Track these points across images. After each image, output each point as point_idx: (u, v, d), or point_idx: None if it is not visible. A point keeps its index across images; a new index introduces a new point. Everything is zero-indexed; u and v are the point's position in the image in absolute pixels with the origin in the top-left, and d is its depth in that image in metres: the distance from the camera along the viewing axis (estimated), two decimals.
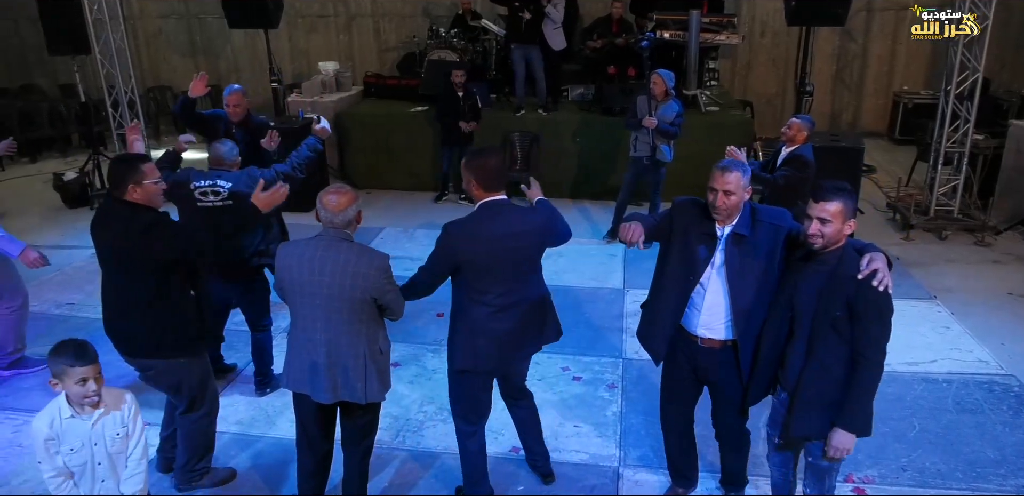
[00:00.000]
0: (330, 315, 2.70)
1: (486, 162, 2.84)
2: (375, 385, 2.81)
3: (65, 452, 2.39)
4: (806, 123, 4.91)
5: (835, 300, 2.46)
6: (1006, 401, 4.06)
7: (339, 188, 2.76)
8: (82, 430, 2.39)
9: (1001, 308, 5.23)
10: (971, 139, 6.70)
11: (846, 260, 2.47)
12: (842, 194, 2.47)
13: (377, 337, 2.82)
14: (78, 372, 2.30)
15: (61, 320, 5.06)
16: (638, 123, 5.97)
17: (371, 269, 2.66)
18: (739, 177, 2.64)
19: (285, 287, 2.79)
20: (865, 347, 2.46)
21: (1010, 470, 3.49)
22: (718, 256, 2.75)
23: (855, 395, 2.50)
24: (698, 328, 2.83)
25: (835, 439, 2.55)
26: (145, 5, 10.85)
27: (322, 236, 2.73)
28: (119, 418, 2.46)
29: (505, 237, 2.81)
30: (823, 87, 10.17)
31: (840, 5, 6.62)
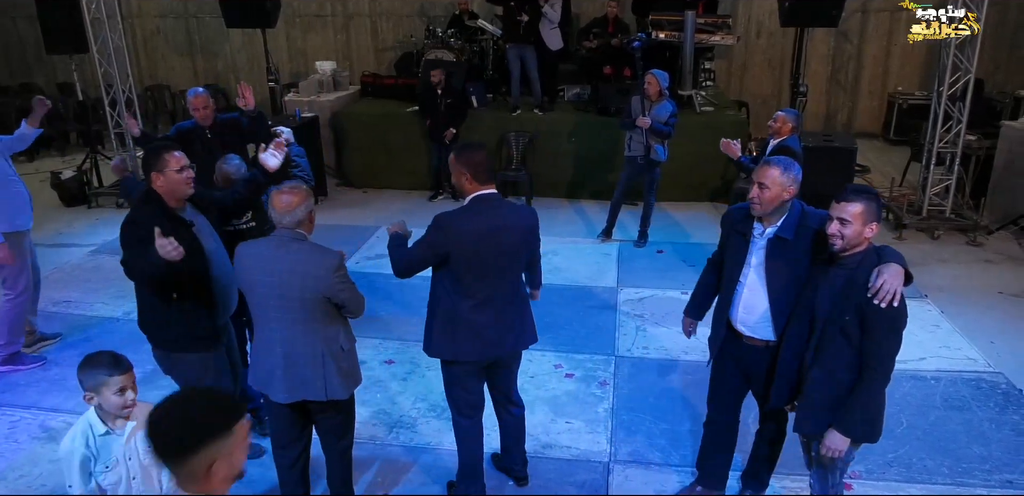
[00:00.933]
0: (284, 315, 2.68)
1: (476, 155, 2.88)
2: (336, 382, 2.78)
3: (100, 471, 2.32)
4: (791, 115, 4.99)
5: (847, 305, 2.47)
6: (993, 398, 4.11)
7: (292, 188, 2.71)
8: (116, 446, 2.34)
9: (991, 307, 5.28)
10: (963, 140, 6.74)
11: (865, 265, 2.46)
12: (864, 196, 2.47)
13: (337, 335, 2.78)
14: (117, 382, 2.27)
15: (58, 317, 5.09)
16: (632, 123, 6.01)
17: (321, 269, 2.62)
18: (778, 172, 2.65)
19: (243, 288, 2.78)
20: (872, 355, 2.46)
21: (995, 466, 3.53)
22: (755, 255, 2.79)
23: (855, 401, 2.52)
24: (738, 324, 2.90)
25: (828, 439, 2.58)
26: (143, 4, 10.87)
27: (275, 236, 2.70)
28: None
29: (495, 230, 2.85)
30: (818, 88, 10.23)
31: (834, 6, 6.67)
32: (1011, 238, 6.60)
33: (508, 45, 7.86)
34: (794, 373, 2.76)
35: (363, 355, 4.56)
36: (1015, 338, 4.81)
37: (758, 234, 2.78)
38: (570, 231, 6.83)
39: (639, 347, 4.69)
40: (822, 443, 2.61)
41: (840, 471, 2.76)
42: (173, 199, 2.99)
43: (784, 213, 2.71)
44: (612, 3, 8.51)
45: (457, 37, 8.66)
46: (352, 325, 5.04)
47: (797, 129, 5.09)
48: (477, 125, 7.82)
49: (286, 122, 7.55)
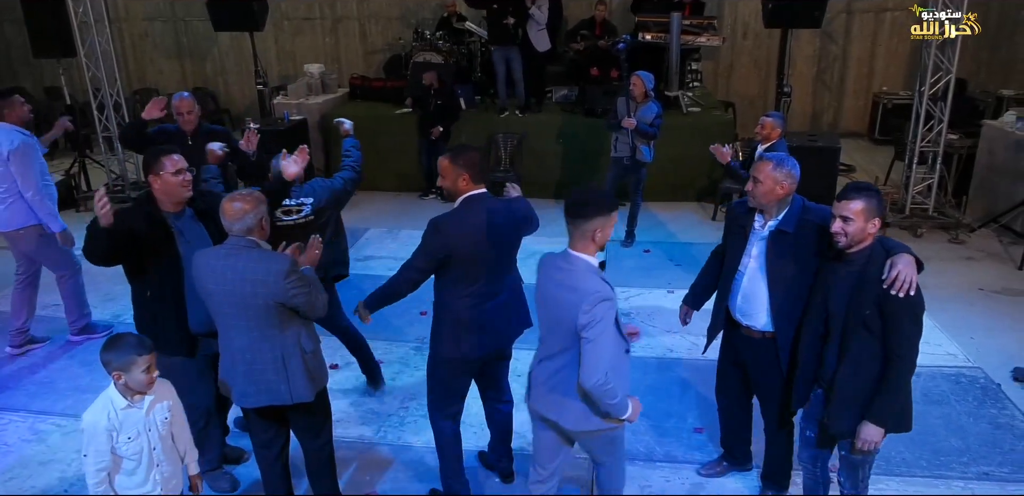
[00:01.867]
0: (241, 322, 2.69)
1: (473, 156, 2.95)
2: (301, 385, 2.78)
3: (123, 442, 2.46)
4: (778, 120, 5.05)
5: (865, 300, 2.52)
6: (972, 392, 4.18)
7: (243, 195, 2.70)
8: (137, 418, 2.49)
9: (972, 303, 5.36)
10: (945, 139, 6.84)
11: (874, 260, 2.52)
12: (866, 193, 2.53)
13: (298, 338, 2.77)
14: (144, 361, 2.43)
15: (45, 321, 5.10)
16: (618, 124, 6.07)
17: (269, 275, 2.61)
18: (770, 167, 2.76)
19: (201, 296, 2.77)
20: (898, 345, 2.51)
21: (972, 458, 3.60)
22: (756, 247, 2.88)
23: (886, 390, 2.57)
24: (736, 313, 2.99)
25: (863, 432, 2.61)
26: (131, 7, 10.87)
27: (227, 244, 2.70)
28: (165, 404, 2.58)
29: (491, 228, 2.90)
30: (804, 88, 10.32)
31: (816, 7, 6.75)
32: (992, 236, 6.69)
33: (493, 47, 7.92)
34: (812, 374, 2.81)
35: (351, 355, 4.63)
36: (995, 334, 4.88)
37: (759, 227, 2.89)
38: (558, 232, 6.76)
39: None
40: (856, 437, 2.64)
41: (869, 465, 2.80)
42: (170, 203, 3.03)
43: (785, 207, 2.81)
44: (601, 6, 8.59)
45: (445, 39, 8.71)
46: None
47: (785, 133, 5.15)
48: (465, 126, 7.87)
49: (274, 125, 7.59)
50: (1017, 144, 6.56)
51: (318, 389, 2.88)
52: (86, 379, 4.34)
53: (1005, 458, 3.60)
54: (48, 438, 3.80)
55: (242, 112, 10.26)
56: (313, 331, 2.88)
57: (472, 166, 2.91)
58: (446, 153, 2.99)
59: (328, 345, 4.57)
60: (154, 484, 2.57)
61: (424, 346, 4.72)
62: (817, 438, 2.91)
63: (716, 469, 3.51)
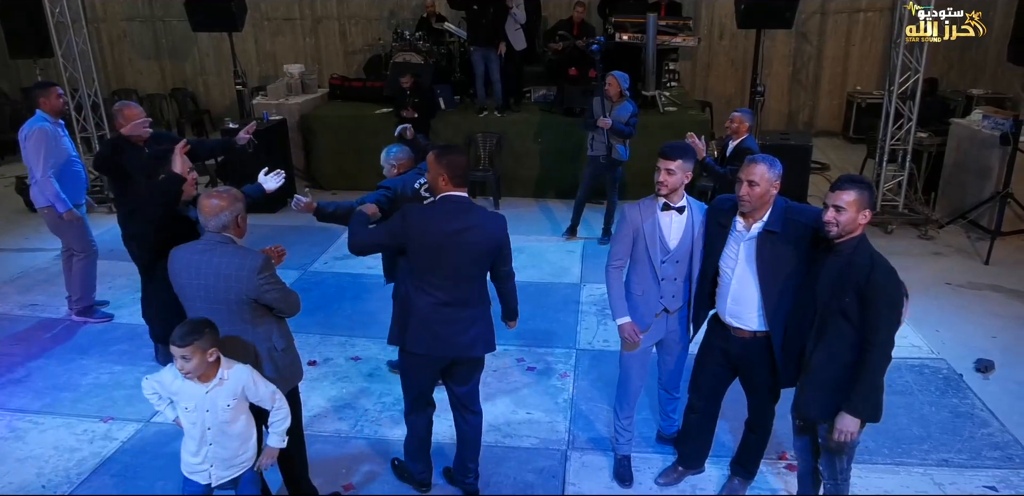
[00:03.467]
0: (214, 317, 2.70)
1: (457, 158, 2.95)
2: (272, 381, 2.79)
3: (182, 409, 2.65)
4: (746, 115, 5.16)
5: (846, 286, 2.58)
6: (934, 382, 4.30)
7: (220, 192, 2.76)
8: (197, 393, 2.62)
9: (938, 297, 5.49)
10: (915, 137, 6.98)
11: (860, 250, 2.60)
12: (858, 185, 2.60)
13: (270, 335, 2.81)
14: (178, 351, 2.52)
15: (24, 320, 5.12)
16: (594, 123, 6.16)
17: (242, 271, 2.65)
18: (765, 168, 2.81)
19: (176, 291, 2.79)
20: (873, 334, 2.56)
21: (933, 446, 3.72)
22: (745, 250, 2.91)
23: (862, 381, 2.61)
24: (727, 316, 3.03)
25: (840, 423, 2.67)
26: (109, 8, 10.82)
27: (203, 240, 2.75)
28: (231, 390, 2.64)
29: (456, 232, 2.87)
30: (780, 88, 10.49)
31: (787, 8, 6.87)
32: (961, 232, 6.84)
33: (472, 48, 7.99)
34: (798, 358, 2.89)
35: (330, 352, 4.70)
36: (959, 326, 5.02)
37: (742, 228, 2.91)
38: (536, 229, 6.96)
39: (599, 340, 4.83)
40: (834, 427, 2.70)
41: (848, 456, 2.86)
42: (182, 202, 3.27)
43: (768, 208, 2.86)
44: (579, 6, 8.67)
45: (425, 40, 8.77)
46: (321, 323, 5.15)
47: (752, 128, 5.26)
48: (445, 126, 7.93)
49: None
50: (983, 142, 6.71)
51: (290, 387, 2.92)
52: (63, 378, 4.36)
53: (964, 445, 3.72)
54: (25, 436, 3.82)
55: (222, 113, 10.25)
56: (286, 329, 2.92)
57: (453, 168, 2.91)
58: (434, 149, 3.01)
59: (306, 342, 4.67)
60: (205, 459, 2.69)
61: None
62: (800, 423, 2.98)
63: (673, 476, 3.49)
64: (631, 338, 3.23)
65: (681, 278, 3.18)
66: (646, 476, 3.52)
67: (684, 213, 3.11)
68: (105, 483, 3.45)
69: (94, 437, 3.78)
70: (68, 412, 4.00)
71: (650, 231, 3.10)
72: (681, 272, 3.17)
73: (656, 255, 3.11)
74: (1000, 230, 6.25)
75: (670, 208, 3.09)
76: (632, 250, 3.17)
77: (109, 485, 3.43)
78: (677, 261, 3.14)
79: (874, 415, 2.72)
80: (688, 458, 3.48)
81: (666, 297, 3.19)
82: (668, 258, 3.12)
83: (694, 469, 3.50)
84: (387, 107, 8.20)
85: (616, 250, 3.20)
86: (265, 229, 6.32)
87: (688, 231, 3.11)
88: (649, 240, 3.10)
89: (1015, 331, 4.96)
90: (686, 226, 3.11)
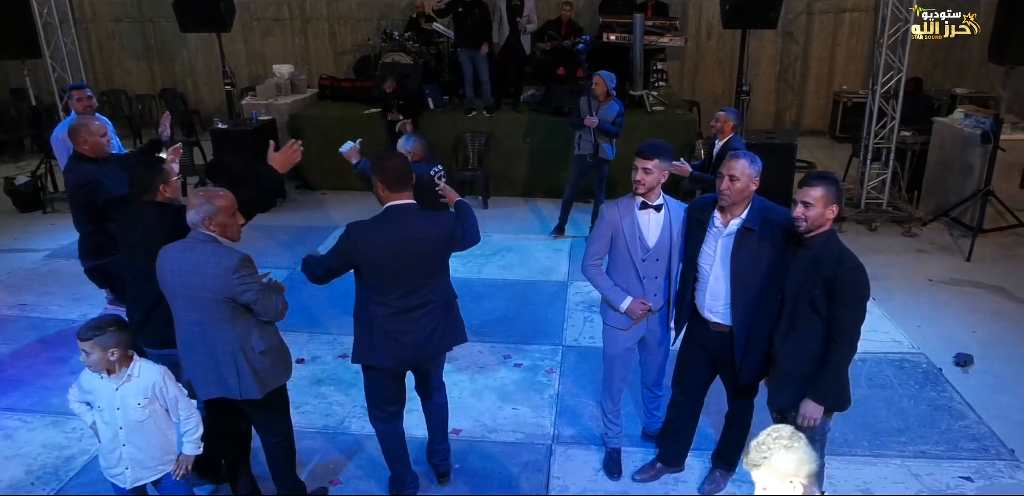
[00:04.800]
0: (194, 314, 2.77)
1: (388, 163, 2.90)
2: (249, 382, 2.83)
3: (97, 410, 2.69)
4: (731, 114, 5.21)
5: (816, 280, 2.66)
6: (914, 376, 4.38)
7: (200, 191, 2.80)
8: (107, 391, 2.66)
9: (920, 294, 5.57)
10: (898, 136, 7.07)
11: (830, 244, 2.68)
12: (825, 181, 2.69)
13: (248, 336, 2.81)
14: (81, 345, 2.58)
15: (12, 320, 5.13)
16: (580, 123, 6.21)
17: (218, 269, 2.68)
18: (746, 164, 2.88)
19: (160, 287, 2.83)
20: (840, 325, 2.65)
21: (910, 438, 3.79)
22: (723, 246, 2.97)
23: (826, 370, 2.71)
24: (705, 311, 3.10)
25: (803, 408, 2.75)
26: (98, 8, 10.80)
27: (187, 238, 2.79)
28: (142, 388, 2.66)
29: (407, 241, 2.85)
30: (767, 87, 10.57)
31: (771, 9, 6.94)
32: (944, 229, 6.93)
33: (460, 49, 8.05)
34: (764, 352, 2.95)
35: (318, 350, 4.74)
36: (940, 322, 5.10)
37: (720, 224, 2.98)
38: (524, 228, 7.02)
39: (586, 337, 4.88)
40: (799, 414, 2.77)
41: (820, 444, 2.90)
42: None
43: (747, 205, 2.93)
44: (566, 6, 8.73)
45: (414, 40, 8.80)
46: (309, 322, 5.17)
47: (737, 127, 5.32)
48: (434, 126, 7.96)
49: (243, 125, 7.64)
50: (965, 141, 6.80)
51: (270, 388, 2.91)
52: (51, 377, 4.38)
53: (941, 437, 3.79)
54: (14, 434, 3.85)
55: (211, 113, 10.25)
56: (270, 331, 2.90)
57: (386, 174, 2.85)
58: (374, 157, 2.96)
59: (294, 340, 4.68)
60: (120, 461, 2.70)
61: None
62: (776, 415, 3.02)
63: (651, 473, 3.53)
64: (642, 309, 3.20)
65: (662, 276, 3.24)
66: (631, 469, 3.57)
67: (662, 211, 3.16)
68: (94, 480, 3.47)
69: (83, 435, 3.80)
70: (57, 410, 4.02)
71: (629, 230, 3.15)
72: (661, 270, 3.22)
73: (637, 253, 3.16)
74: (981, 227, 6.34)
75: (648, 207, 3.15)
76: (612, 250, 3.21)
77: (98, 482, 3.44)
78: (657, 259, 3.19)
79: (839, 403, 2.81)
80: (668, 456, 3.53)
81: (648, 295, 3.23)
82: (648, 256, 3.17)
83: (673, 467, 3.54)
84: (376, 107, 8.22)
85: (593, 250, 3.25)
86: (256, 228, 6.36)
87: (666, 229, 3.16)
88: (629, 239, 3.15)
89: (994, 326, 5.04)
90: (664, 224, 3.16)
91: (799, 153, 7.53)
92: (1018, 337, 4.86)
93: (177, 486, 2.83)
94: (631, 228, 3.15)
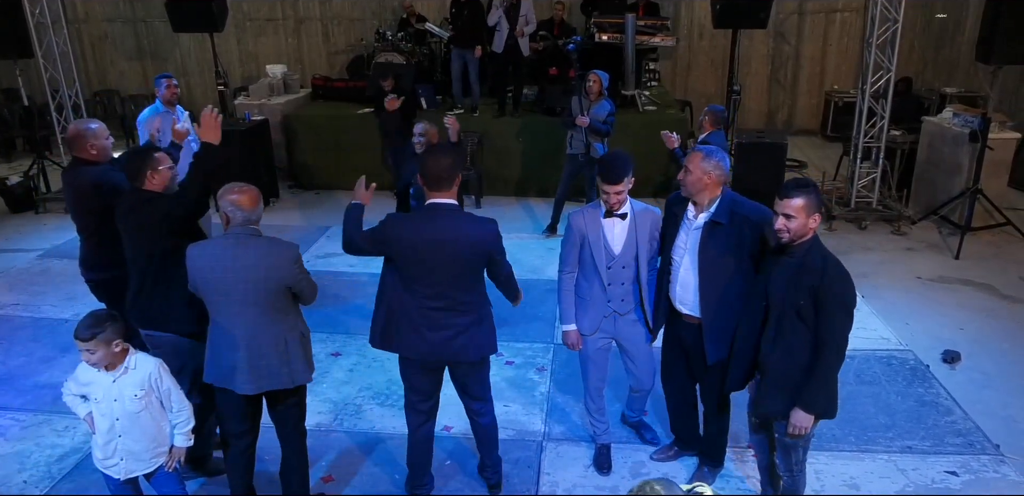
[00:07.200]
0: (247, 309, 2.80)
1: (427, 161, 2.92)
2: (300, 368, 2.96)
3: (93, 402, 2.71)
4: (712, 111, 5.26)
5: (800, 289, 2.64)
6: (901, 373, 4.42)
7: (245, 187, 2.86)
8: (105, 383, 2.69)
9: (909, 291, 5.62)
10: (888, 134, 7.12)
11: (813, 252, 2.66)
12: (805, 190, 2.65)
13: (297, 323, 2.96)
14: (82, 345, 2.61)
15: (5, 320, 5.14)
16: (572, 122, 6.25)
17: (282, 260, 2.81)
18: (699, 158, 2.96)
19: (200, 287, 2.85)
20: (828, 334, 2.63)
21: (897, 433, 3.83)
22: (692, 238, 3.04)
23: (815, 378, 2.69)
24: (676, 302, 3.16)
25: (793, 417, 2.75)
26: (90, 8, 10.79)
27: (230, 234, 2.83)
28: (139, 380, 2.70)
29: (438, 241, 2.83)
30: (759, 87, 10.63)
31: (761, 9, 6.99)
32: (933, 227, 6.98)
33: (452, 48, 8.09)
34: (749, 360, 2.93)
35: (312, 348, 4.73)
36: (928, 319, 5.14)
37: (692, 217, 3.05)
38: (517, 227, 7.04)
39: None
40: (788, 423, 2.77)
41: (803, 449, 2.94)
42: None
43: (716, 199, 2.98)
44: (558, 6, 8.77)
45: (407, 40, 8.83)
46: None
47: (719, 124, 5.36)
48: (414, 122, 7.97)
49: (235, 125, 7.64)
50: (954, 139, 6.86)
51: (311, 370, 3.04)
52: (44, 375, 4.39)
53: (928, 433, 3.84)
54: (7, 432, 3.86)
55: None
56: (304, 319, 3.04)
57: (426, 171, 2.88)
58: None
59: None
60: (115, 452, 2.73)
61: None
62: (756, 420, 3.05)
63: (668, 454, 3.63)
64: (573, 346, 3.38)
65: (629, 282, 3.23)
66: (620, 465, 3.61)
67: (627, 219, 3.17)
68: (86, 479, 3.49)
69: (75, 433, 3.82)
70: (50, 409, 4.03)
71: (595, 237, 3.15)
72: (628, 276, 3.22)
73: (601, 260, 3.17)
74: (970, 225, 6.39)
75: (612, 215, 3.16)
76: (580, 255, 3.23)
77: (90, 480, 3.47)
78: (623, 266, 3.20)
79: (828, 411, 2.81)
80: (680, 441, 3.63)
81: (614, 301, 3.25)
82: (614, 263, 3.18)
83: (688, 450, 3.62)
84: (369, 107, 8.24)
85: (566, 257, 3.27)
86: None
87: (631, 236, 3.16)
88: (594, 246, 3.16)
89: (982, 323, 5.09)
90: (628, 231, 3.16)
91: (791, 152, 7.59)
92: (1005, 334, 4.92)
93: (169, 479, 2.86)
94: (596, 236, 3.16)
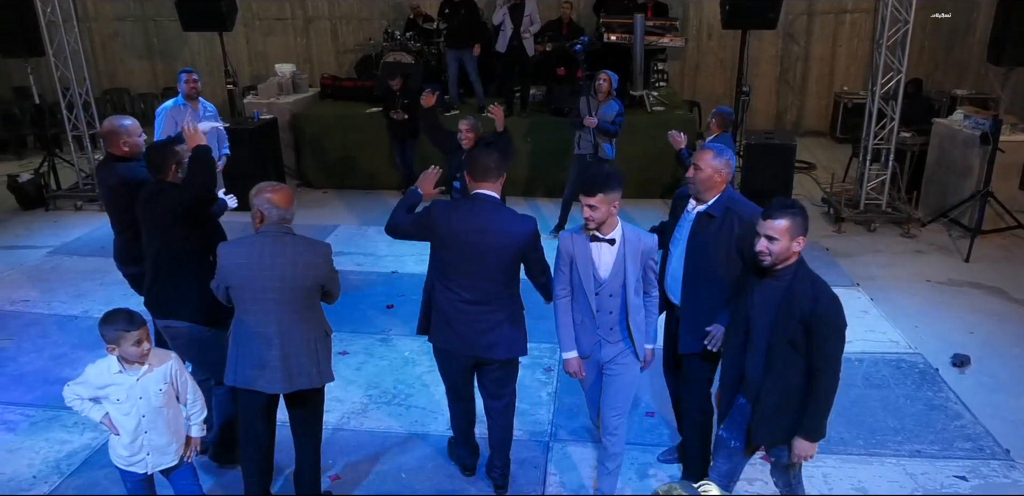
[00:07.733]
0: (280, 307, 2.83)
1: (475, 155, 3.10)
2: (327, 367, 3.01)
3: (113, 403, 2.71)
4: (719, 113, 5.25)
5: (792, 318, 2.52)
6: (911, 376, 4.40)
7: (279, 185, 2.92)
8: (128, 383, 2.68)
9: (918, 294, 5.59)
10: (898, 136, 7.09)
11: (800, 277, 2.54)
12: (790, 212, 2.51)
13: (322, 322, 3.02)
14: (134, 336, 2.60)
15: (15, 316, 5.16)
16: (580, 122, 6.24)
17: (317, 258, 2.86)
18: (710, 156, 2.96)
19: (233, 285, 2.85)
20: (821, 360, 2.54)
21: (906, 437, 3.81)
22: (685, 229, 3.07)
23: (813, 406, 2.59)
24: (669, 294, 3.18)
25: (796, 447, 2.66)
26: (101, 7, 10.85)
27: (266, 232, 2.84)
28: (162, 375, 2.73)
29: (476, 232, 2.91)
30: (768, 88, 10.59)
31: (771, 9, 6.97)
32: (942, 230, 6.94)
33: (447, 50, 8.12)
34: (734, 385, 2.81)
35: None
36: (937, 322, 5.11)
37: (690, 209, 3.08)
38: None
39: None
40: (791, 451, 2.69)
41: (800, 466, 2.89)
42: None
43: (717, 194, 3.00)
44: (566, 5, 8.75)
45: (415, 40, 8.84)
46: None
47: (726, 127, 5.34)
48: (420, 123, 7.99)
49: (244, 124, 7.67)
50: (965, 142, 6.82)
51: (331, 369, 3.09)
52: (54, 372, 4.40)
53: (936, 437, 3.81)
54: (17, 427, 3.88)
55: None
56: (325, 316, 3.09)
57: (471, 165, 3.03)
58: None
59: None
60: (141, 448, 2.76)
61: (388, 337, 4.87)
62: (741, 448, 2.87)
63: (674, 455, 3.60)
64: (575, 375, 3.19)
65: (617, 311, 3.04)
66: (627, 466, 3.59)
67: (615, 245, 2.96)
68: (95, 474, 3.51)
69: (84, 429, 3.84)
70: (59, 405, 3.96)
71: (582, 261, 2.98)
72: (616, 305, 3.03)
73: (589, 285, 2.99)
74: (980, 228, 6.35)
75: (599, 239, 2.95)
76: (571, 278, 3.08)
77: (99, 476, 3.49)
78: (611, 295, 3.00)
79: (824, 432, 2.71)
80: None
81: (603, 329, 3.06)
82: (601, 290, 3.00)
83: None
84: (377, 107, 8.26)
85: (558, 278, 3.09)
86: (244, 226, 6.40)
87: (619, 263, 2.95)
88: (582, 270, 2.99)
89: (992, 327, 5.05)
90: (616, 257, 2.96)
91: (799, 154, 7.56)
92: (1016, 338, 4.89)
93: (188, 475, 2.91)
94: (584, 259, 2.98)
